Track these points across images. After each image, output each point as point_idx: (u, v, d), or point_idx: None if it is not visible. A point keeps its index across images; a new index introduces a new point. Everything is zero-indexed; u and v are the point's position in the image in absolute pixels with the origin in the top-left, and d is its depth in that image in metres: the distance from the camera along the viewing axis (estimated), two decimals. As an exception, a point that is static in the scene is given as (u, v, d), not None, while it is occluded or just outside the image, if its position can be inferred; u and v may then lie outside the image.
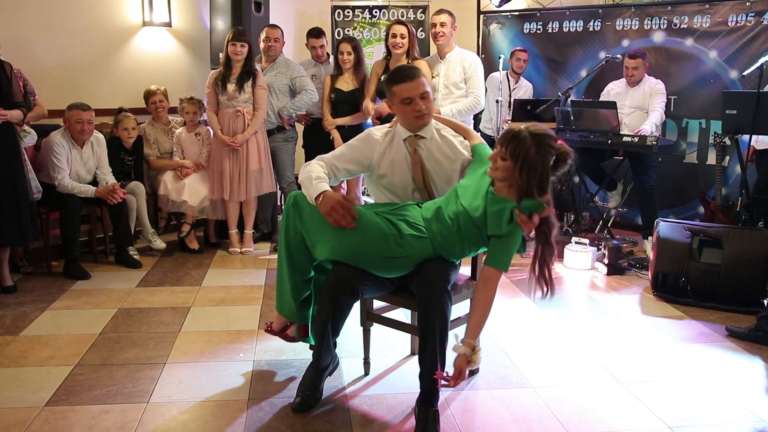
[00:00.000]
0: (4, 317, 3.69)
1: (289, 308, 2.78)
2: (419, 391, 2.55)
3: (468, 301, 2.91)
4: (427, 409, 2.50)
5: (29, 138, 4.41)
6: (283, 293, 2.79)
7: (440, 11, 4.79)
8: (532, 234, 2.45)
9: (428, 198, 2.79)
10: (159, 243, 4.95)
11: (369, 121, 5.05)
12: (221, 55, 4.92)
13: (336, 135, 5.03)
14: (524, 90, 6.31)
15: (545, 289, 2.46)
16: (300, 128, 5.50)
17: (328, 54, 5.38)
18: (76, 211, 4.49)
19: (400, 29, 4.72)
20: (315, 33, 5.32)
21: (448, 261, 2.60)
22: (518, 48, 6.19)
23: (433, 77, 4.79)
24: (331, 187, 2.62)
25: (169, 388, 2.84)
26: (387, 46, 4.81)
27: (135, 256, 4.78)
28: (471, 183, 2.60)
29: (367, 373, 3.00)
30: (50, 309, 3.83)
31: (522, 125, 2.41)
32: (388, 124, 2.89)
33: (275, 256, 5.04)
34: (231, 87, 4.79)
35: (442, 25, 4.73)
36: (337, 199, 2.50)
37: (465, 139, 2.87)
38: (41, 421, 2.56)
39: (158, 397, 2.76)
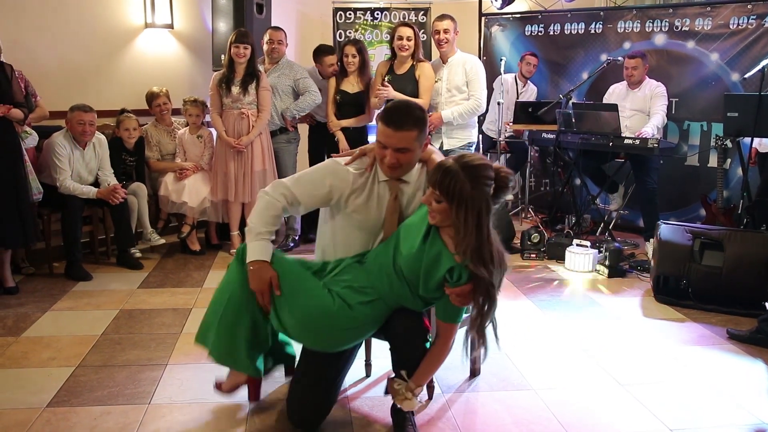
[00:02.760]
0: (6, 318, 3.70)
1: (244, 362, 2.51)
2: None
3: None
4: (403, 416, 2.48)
5: (30, 139, 4.41)
6: (234, 346, 2.48)
7: (443, 17, 4.79)
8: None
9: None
10: (158, 240, 4.95)
11: (374, 122, 5.07)
12: (224, 57, 4.92)
13: (340, 136, 5.04)
14: (530, 93, 6.35)
15: (478, 344, 2.27)
16: (304, 131, 5.51)
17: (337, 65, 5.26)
18: (77, 213, 4.50)
19: (407, 31, 4.72)
20: (326, 51, 5.25)
21: (415, 312, 2.40)
22: (529, 53, 6.22)
23: (435, 81, 4.80)
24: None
25: (171, 389, 2.84)
26: (392, 48, 4.81)
27: (137, 256, 4.79)
28: (417, 223, 2.34)
29: (368, 375, 3.00)
30: (52, 310, 3.83)
31: (450, 159, 2.19)
32: (357, 159, 2.53)
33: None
34: (235, 89, 4.79)
35: (446, 31, 4.74)
36: (268, 280, 2.37)
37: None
38: (43, 422, 2.57)
39: (159, 398, 2.76)
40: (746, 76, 4.99)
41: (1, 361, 3.14)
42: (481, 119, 6.19)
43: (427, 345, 2.37)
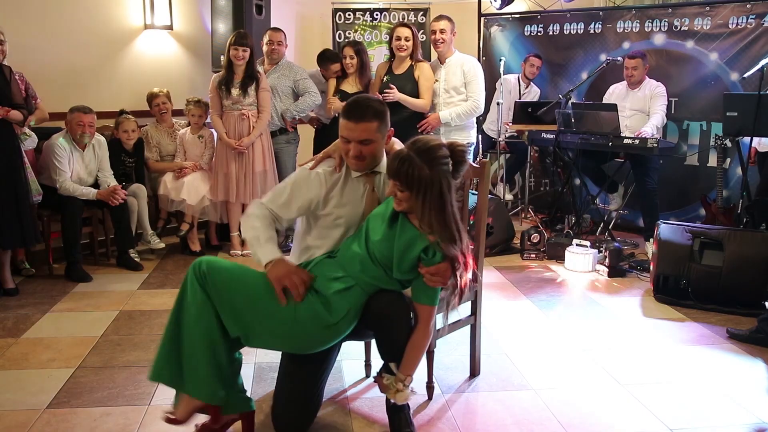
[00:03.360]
0: (6, 320, 3.70)
1: (209, 389, 2.30)
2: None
3: (469, 303, 2.92)
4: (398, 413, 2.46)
5: (29, 141, 4.42)
6: (193, 371, 2.29)
7: (440, 18, 4.81)
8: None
9: None
10: (158, 243, 4.95)
11: None
12: (223, 59, 4.92)
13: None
14: (533, 95, 6.36)
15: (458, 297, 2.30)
16: (305, 132, 5.51)
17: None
18: (77, 214, 4.50)
19: (405, 32, 4.74)
20: (332, 58, 5.21)
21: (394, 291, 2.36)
22: (533, 54, 6.22)
23: (434, 81, 4.82)
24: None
25: (171, 390, 2.80)
26: (391, 48, 4.82)
27: (136, 259, 4.78)
28: (382, 212, 2.36)
29: (368, 376, 3.00)
30: (52, 311, 3.83)
31: (404, 147, 2.23)
32: (323, 162, 2.54)
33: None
34: (235, 91, 4.80)
35: (442, 32, 4.77)
36: (292, 269, 2.31)
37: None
38: (43, 424, 2.57)
39: (160, 399, 2.76)
40: (745, 75, 4.99)
41: (1, 362, 3.14)
42: (482, 119, 6.19)
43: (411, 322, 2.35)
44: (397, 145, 2.54)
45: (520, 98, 6.20)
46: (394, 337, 2.33)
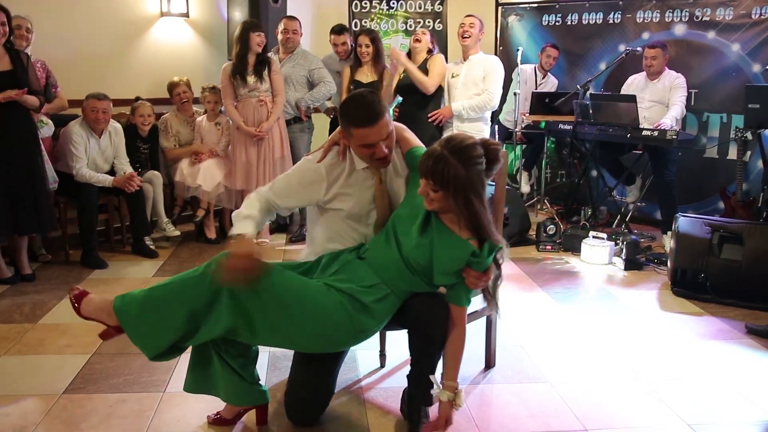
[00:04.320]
0: (23, 305, 3.72)
1: (246, 392, 2.37)
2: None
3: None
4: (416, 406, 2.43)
5: (46, 129, 4.44)
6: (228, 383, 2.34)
7: (471, 15, 4.89)
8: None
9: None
10: (173, 230, 4.97)
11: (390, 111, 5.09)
12: (235, 47, 4.89)
13: None
14: (551, 86, 6.30)
15: (489, 301, 2.31)
16: (320, 121, 5.49)
17: (352, 47, 5.29)
18: (93, 201, 4.51)
19: (422, 36, 4.85)
20: (337, 30, 5.28)
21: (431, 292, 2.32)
22: (549, 44, 6.16)
23: (453, 77, 4.86)
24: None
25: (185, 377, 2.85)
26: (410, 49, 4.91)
27: (151, 246, 4.80)
28: (409, 213, 2.29)
29: (383, 366, 3.00)
30: (68, 298, 3.85)
31: (437, 145, 2.14)
32: (329, 152, 2.47)
33: (292, 247, 5.10)
34: (251, 79, 4.79)
35: (471, 25, 4.84)
36: (252, 251, 2.14)
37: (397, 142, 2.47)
38: (59, 409, 2.58)
39: (174, 386, 2.76)
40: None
41: (18, 347, 3.16)
42: (498, 110, 6.14)
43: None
44: (407, 132, 2.50)
45: (536, 89, 6.14)
46: (434, 337, 2.27)
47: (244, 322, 2.14)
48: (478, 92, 4.76)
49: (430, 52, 4.83)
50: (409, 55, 4.87)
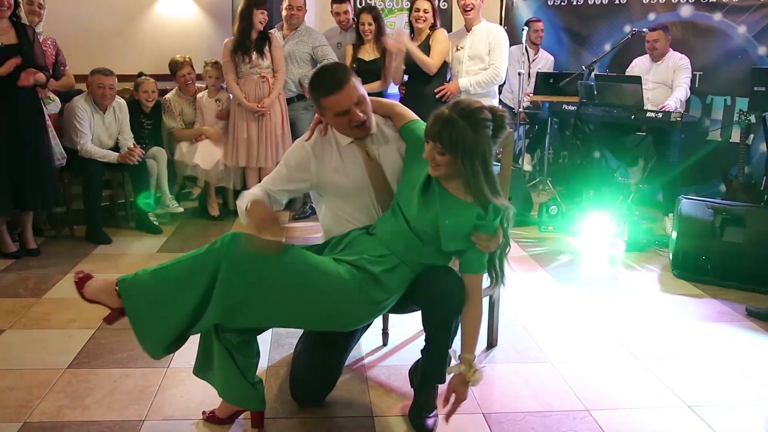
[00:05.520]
0: (28, 279, 3.71)
1: (246, 393, 2.25)
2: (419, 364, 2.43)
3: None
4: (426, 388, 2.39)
5: (53, 105, 4.42)
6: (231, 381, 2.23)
7: None
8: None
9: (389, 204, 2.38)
10: (177, 207, 4.95)
11: (396, 90, 5.05)
12: (236, 23, 4.82)
13: None
14: (545, 62, 6.20)
15: (496, 277, 2.24)
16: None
17: (353, 20, 5.24)
18: (98, 177, 4.49)
19: (423, 4, 4.68)
20: None
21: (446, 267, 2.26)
22: (532, 18, 6.06)
23: (458, 50, 4.76)
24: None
25: (189, 353, 2.78)
26: (410, 21, 4.77)
27: (155, 222, 4.77)
28: (410, 184, 2.24)
29: (385, 344, 2.98)
30: (73, 272, 3.82)
31: (444, 108, 2.09)
32: (312, 133, 2.42)
33: (294, 224, 5.07)
34: (253, 55, 4.73)
35: None
36: (269, 210, 2.15)
37: (389, 118, 2.45)
38: (64, 383, 2.57)
39: (178, 362, 2.75)
40: (775, 49, 4.85)
41: (23, 321, 3.15)
42: (500, 88, 6.08)
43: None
44: (398, 107, 2.46)
45: (529, 67, 6.04)
46: (446, 315, 2.19)
47: (247, 299, 2.06)
48: (484, 66, 4.69)
49: (432, 27, 4.75)
50: (411, 28, 4.80)
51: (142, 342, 2.13)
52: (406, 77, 4.95)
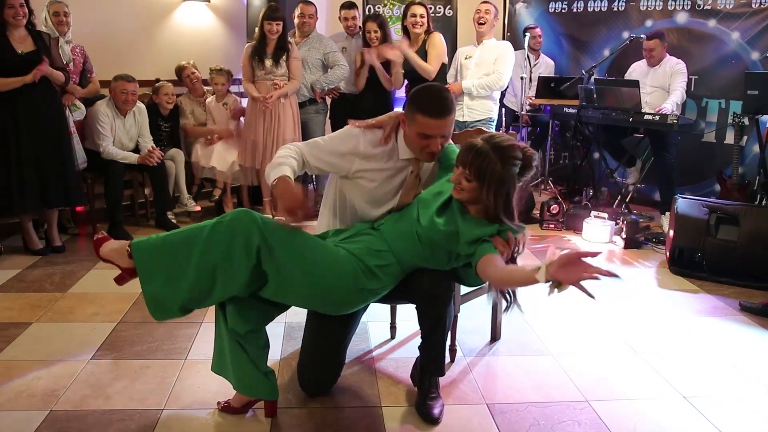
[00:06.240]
0: (54, 275, 3.73)
1: (258, 382, 2.26)
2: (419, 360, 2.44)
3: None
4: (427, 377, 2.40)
5: (78, 113, 4.46)
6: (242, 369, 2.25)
7: (486, 2, 4.80)
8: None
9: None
10: (194, 206, 4.98)
11: (403, 93, 5.06)
12: (256, 30, 4.84)
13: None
14: (545, 67, 6.18)
15: (508, 300, 2.21)
16: (328, 102, 5.45)
17: (360, 27, 5.25)
18: (119, 177, 4.51)
19: (419, 9, 4.71)
20: (347, 5, 5.21)
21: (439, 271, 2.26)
22: (529, 25, 6.03)
23: (466, 58, 4.81)
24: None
25: (206, 346, 2.84)
26: (404, 26, 4.79)
27: (174, 221, 4.79)
28: (432, 195, 2.27)
29: (393, 337, 2.98)
30: (96, 268, 3.86)
31: (479, 139, 2.13)
32: (378, 130, 2.40)
33: (306, 223, 5.04)
34: (268, 62, 4.73)
35: (487, 12, 4.76)
36: (298, 196, 2.11)
37: None
38: (87, 374, 2.59)
39: (195, 354, 2.77)
40: (767, 54, 4.81)
41: (49, 314, 3.17)
42: (503, 93, 6.06)
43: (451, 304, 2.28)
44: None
45: (530, 72, 6.01)
46: (441, 310, 2.24)
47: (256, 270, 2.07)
48: (488, 72, 4.70)
49: (427, 31, 4.74)
50: (406, 33, 4.81)
51: (148, 301, 2.15)
52: (406, 81, 4.94)
